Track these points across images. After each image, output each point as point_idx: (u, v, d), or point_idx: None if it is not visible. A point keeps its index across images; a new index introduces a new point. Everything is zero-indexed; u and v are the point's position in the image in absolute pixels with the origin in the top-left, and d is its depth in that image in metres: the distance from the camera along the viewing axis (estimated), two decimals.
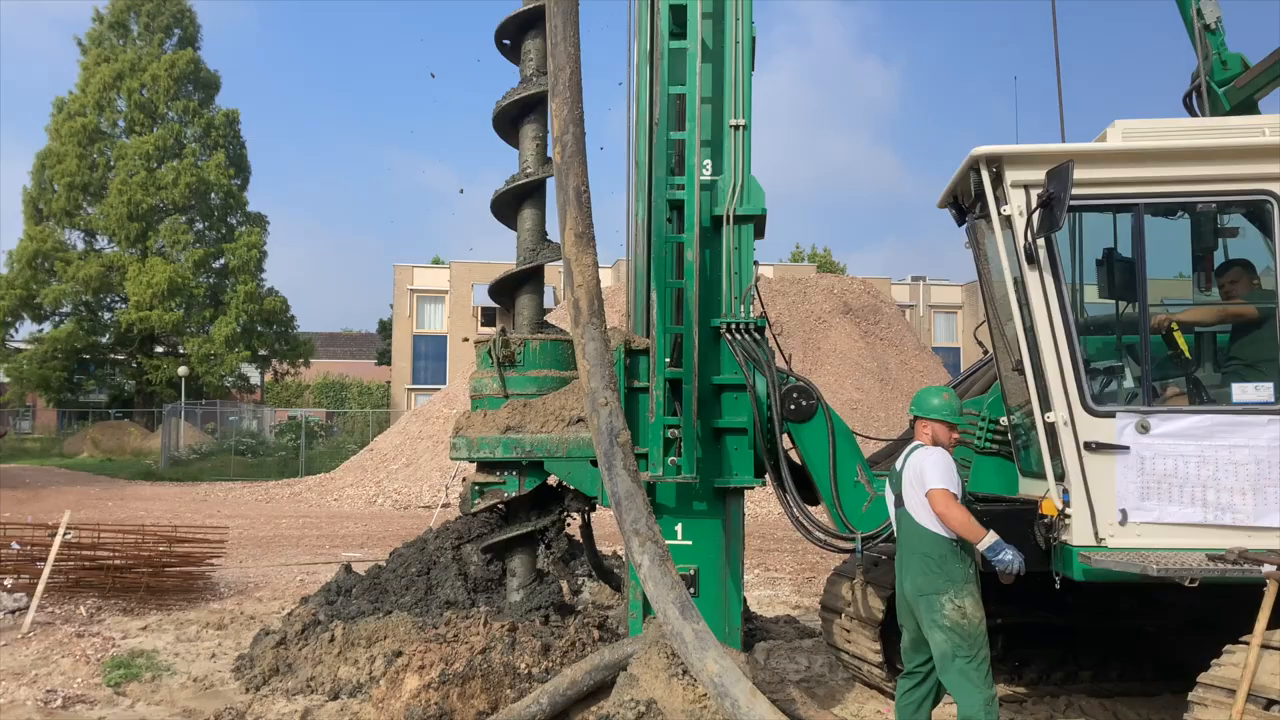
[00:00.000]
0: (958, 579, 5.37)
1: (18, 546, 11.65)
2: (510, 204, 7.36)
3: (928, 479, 5.41)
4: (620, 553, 10.80)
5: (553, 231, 7.21)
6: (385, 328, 62.71)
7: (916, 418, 5.75)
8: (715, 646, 4.68)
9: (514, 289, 7.33)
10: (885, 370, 30.23)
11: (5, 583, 10.94)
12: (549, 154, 7.20)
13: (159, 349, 50.53)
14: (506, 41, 7.41)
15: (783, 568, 14.71)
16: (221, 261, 49.61)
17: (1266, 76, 7.83)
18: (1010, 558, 5.25)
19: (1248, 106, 8.01)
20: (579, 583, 9.61)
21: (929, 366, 32.44)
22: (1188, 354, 5.71)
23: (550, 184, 7.13)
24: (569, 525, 7.45)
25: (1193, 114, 8.14)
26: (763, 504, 21.07)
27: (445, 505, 21.94)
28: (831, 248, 67.81)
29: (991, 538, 5.27)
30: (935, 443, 5.60)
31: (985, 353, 7.87)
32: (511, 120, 7.40)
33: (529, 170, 7.25)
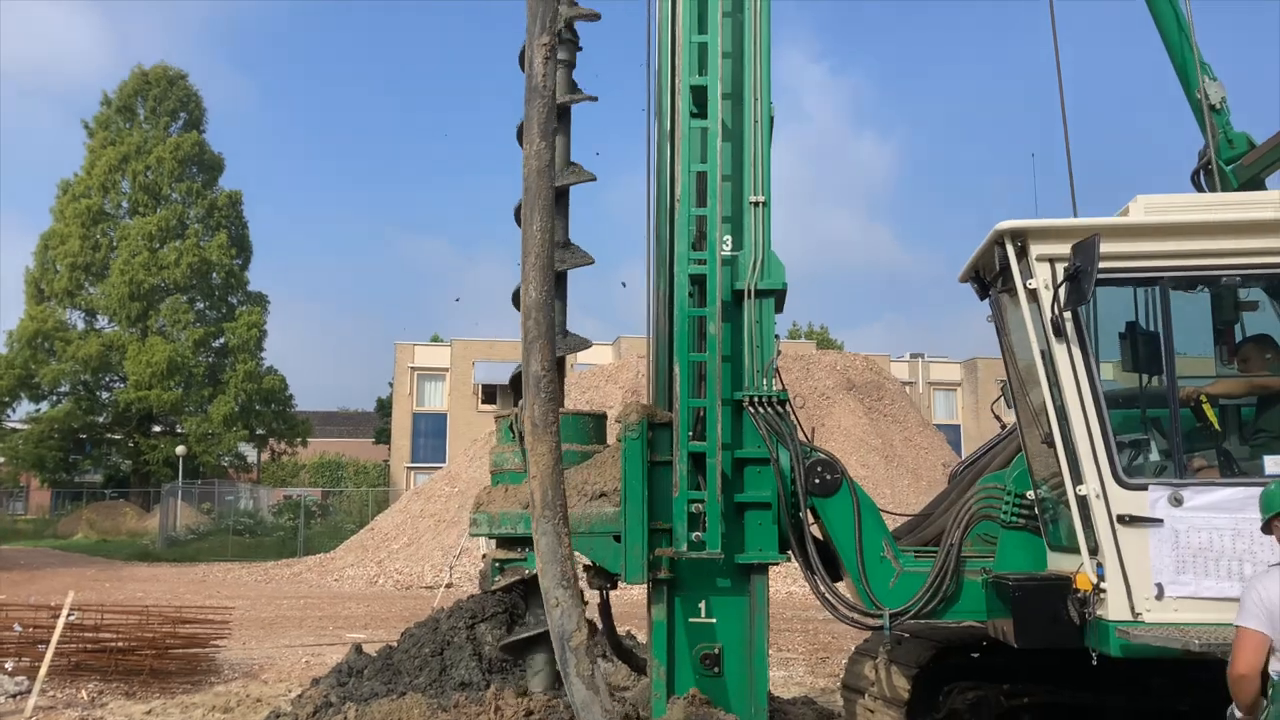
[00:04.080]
0: None
1: (20, 629, 11.46)
2: None
3: None
4: (633, 631, 10.64)
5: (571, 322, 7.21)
6: (384, 406, 62.60)
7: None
8: None
9: None
10: (890, 447, 30.14)
11: (6, 666, 10.74)
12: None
13: (156, 428, 50.35)
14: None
15: (795, 648, 14.48)
16: (221, 340, 49.74)
17: (1272, 155, 7.94)
18: None
19: (1255, 184, 8.12)
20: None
21: (933, 443, 32.37)
22: (1217, 426, 5.70)
23: (571, 274, 7.21)
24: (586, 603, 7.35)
25: (1200, 191, 8.25)
26: (771, 582, 20.80)
27: (448, 585, 21.67)
28: (828, 324, 67.96)
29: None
30: None
31: (1002, 426, 7.86)
32: None
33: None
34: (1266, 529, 4.72)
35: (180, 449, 45.13)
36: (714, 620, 6.45)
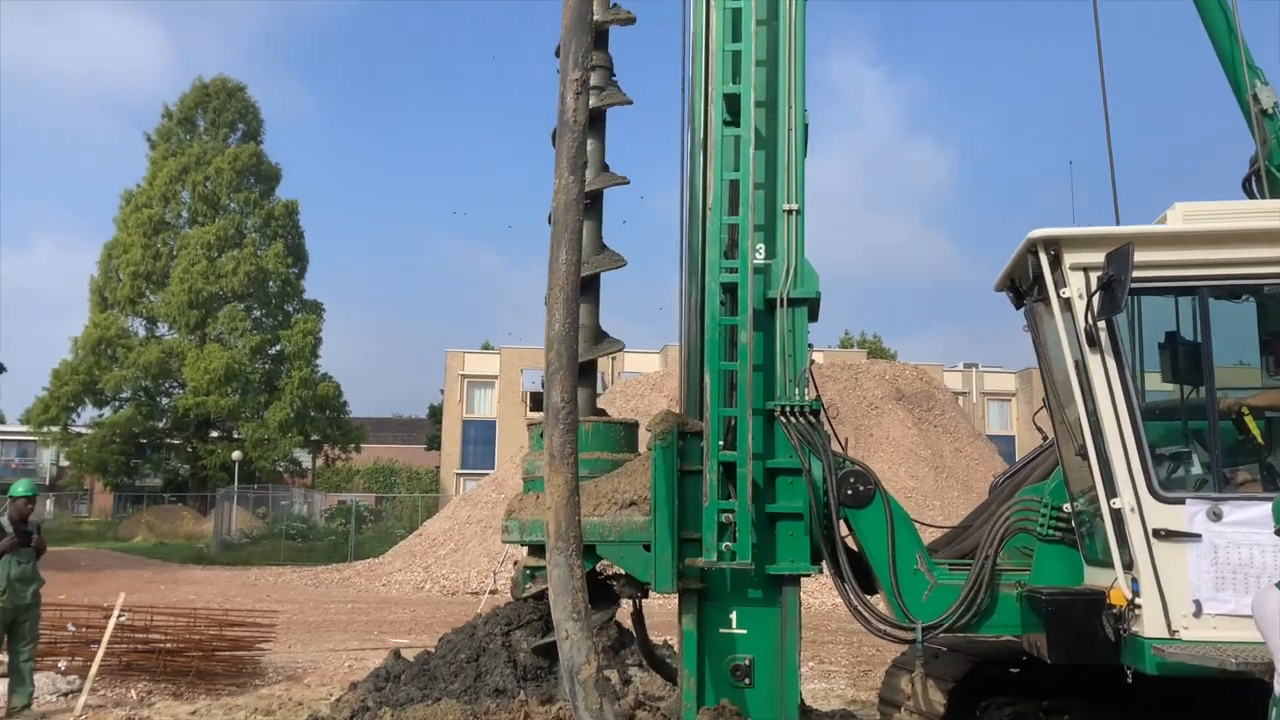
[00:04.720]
0: None
1: (73, 629, 11.73)
2: None
3: None
4: (671, 641, 10.61)
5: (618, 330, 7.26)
6: (435, 413, 63.21)
7: None
8: None
9: None
10: (940, 458, 29.76)
11: (59, 665, 10.99)
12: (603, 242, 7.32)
13: (213, 434, 51.33)
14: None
15: (838, 660, 14.34)
16: (277, 348, 50.58)
17: None
18: None
19: None
20: (628, 673, 9.44)
21: (984, 454, 31.90)
22: (1260, 439, 5.55)
23: (619, 282, 7.24)
24: (620, 612, 7.34)
25: (1251, 198, 8.05)
26: (816, 594, 20.65)
27: (493, 592, 21.78)
28: (881, 333, 67.35)
29: None
30: None
31: (1045, 438, 7.71)
32: None
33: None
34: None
35: (236, 454, 45.97)
36: (744, 631, 6.40)
